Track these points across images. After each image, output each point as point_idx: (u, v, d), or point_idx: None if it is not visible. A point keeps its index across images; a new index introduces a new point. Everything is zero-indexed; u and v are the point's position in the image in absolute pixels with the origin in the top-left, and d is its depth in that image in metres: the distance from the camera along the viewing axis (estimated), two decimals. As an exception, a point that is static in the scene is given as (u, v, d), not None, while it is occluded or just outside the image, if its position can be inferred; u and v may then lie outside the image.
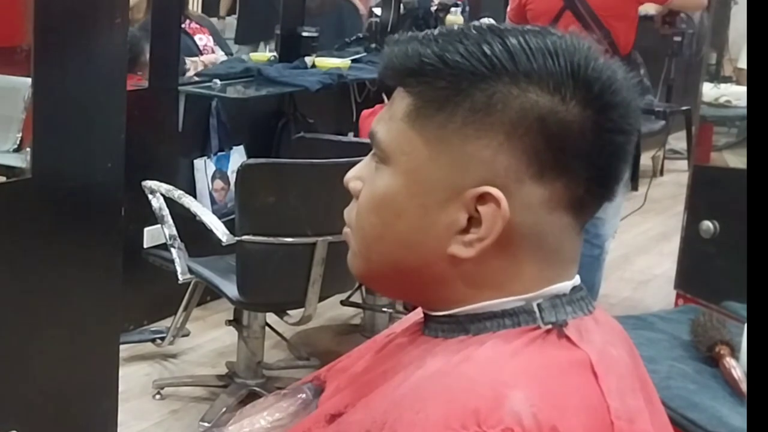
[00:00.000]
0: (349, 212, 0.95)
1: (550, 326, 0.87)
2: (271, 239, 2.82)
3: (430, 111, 0.87)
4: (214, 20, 4.88)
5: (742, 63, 3.19)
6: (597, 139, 0.86)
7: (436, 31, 0.89)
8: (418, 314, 0.99)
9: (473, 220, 0.86)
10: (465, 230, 0.86)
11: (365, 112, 4.08)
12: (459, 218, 0.86)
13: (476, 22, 0.92)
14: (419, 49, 0.87)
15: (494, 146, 0.85)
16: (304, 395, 1.08)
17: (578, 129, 0.85)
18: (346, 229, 0.96)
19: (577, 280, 0.92)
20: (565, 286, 0.90)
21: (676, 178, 6.38)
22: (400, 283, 0.93)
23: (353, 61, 4.55)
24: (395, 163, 0.89)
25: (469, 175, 0.85)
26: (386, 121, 0.90)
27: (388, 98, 0.93)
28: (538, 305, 0.88)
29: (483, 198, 0.85)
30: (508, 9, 4.04)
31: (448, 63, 0.85)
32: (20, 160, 2.41)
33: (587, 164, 0.86)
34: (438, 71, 0.86)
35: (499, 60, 0.85)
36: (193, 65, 4.25)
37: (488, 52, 0.85)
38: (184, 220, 3.10)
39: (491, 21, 4.00)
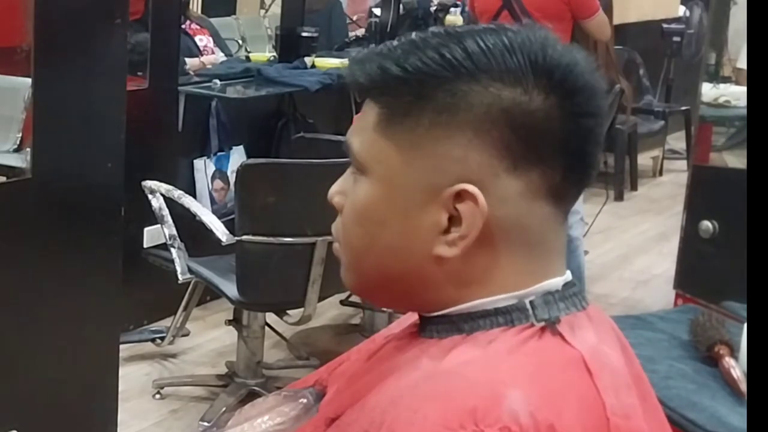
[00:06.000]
0: (337, 227, 0.96)
1: (543, 324, 0.87)
2: (270, 239, 2.82)
3: (397, 118, 0.88)
4: (214, 20, 4.88)
5: (742, 63, 3.19)
6: (565, 125, 0.87)
7: (395, 42, 0.90)
8: (414, 315, 0.99)
9: (454, 219, 0.87)
10: (447, 230, 0.87)
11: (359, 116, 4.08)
12: (440, 219, 0.87)
13: (434, 28, 0.92)
14: (380, 61, 0.89)
15: (464, 144, 0.86)
16: (305, 400, 1.08)
17: (544, 117, 0.86)
18: (335, 244, 0.97)
19: (568, 275, 0.92)
20: (556, 282, 0.90)
21: (676, 178, 6.39)
22: (391, 292, 0.94)
23: (353, 61, 4.55)
24: (371, 172, 0.90)
25: (444, 175, 0.86)
26: (359, 133, 0.92)
27: None
28: (531, 302, 0.88)
29: (460, 196, 0.86)
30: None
31: (409, 71, 0.87)
32: (20, 160, 2.42)
33: (559, 151, 0.87)
34: (400, 80, 0.87)
35: (458, 61, 0.86)
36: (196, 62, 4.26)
37: (447, 55, 0.86)
38: (184, 220, 3.10)
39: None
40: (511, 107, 0.85)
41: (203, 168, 3.97)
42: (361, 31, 5.51)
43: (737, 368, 2.00)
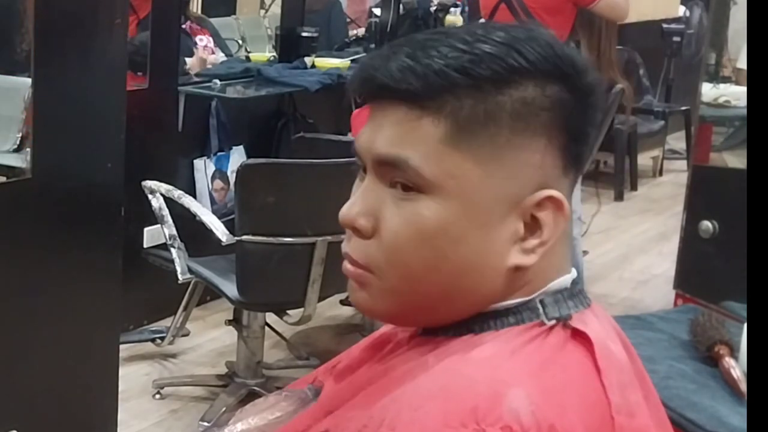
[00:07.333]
0: (365, 252, 0.88)
1: (554, 321, 0.87)
2: (270, 239, 2.82)
3: (472, 128, 0.84)
4: (214, 20, 4.88)
5: (741, 63, 3.19)
6: (592, 125, 0.89)
7: (427, 40, 0.86)
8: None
9: (528, 226, 0.86)
10: (523, 238, 0.87)
11: (357, 112, 4.07)
12: (518, 227, 0.86)
13: (457, 27, 0.91)
14: (437, 67, 0.83)
15: (541, 149, 0.86)
16: (305, 395, 1.08)
17: (584, 118, 0.88)
18: (362, 273, 0.88)
19: (574, 273, 0.92)
20: (565, 280, 0.91)
21: (676, 178, 6.39)
22: (434, 310, 0.89)
23: (352, 61, 4.56)
24: (443, 189, 0.84)
25: (524, 183, 0.86)
26: (415, 147, 0.84)
27: None
28: (541, 301, 0.88)
29: (541, 202, 0.86)
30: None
31: (475, 77, 0.83)
32: (20, 160, 2.41)
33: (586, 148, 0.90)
34: (469, 87, 0.83)
35: (520, 64, 0.84)
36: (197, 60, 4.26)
37: (508, 59, 0.84)
38: (184, 220, 3.10)
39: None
40: (565, 108, 0.86)
41: (203, 168, 3.97)
42: (361, 31, 5.51)
43: (737, 368, 2.00)
